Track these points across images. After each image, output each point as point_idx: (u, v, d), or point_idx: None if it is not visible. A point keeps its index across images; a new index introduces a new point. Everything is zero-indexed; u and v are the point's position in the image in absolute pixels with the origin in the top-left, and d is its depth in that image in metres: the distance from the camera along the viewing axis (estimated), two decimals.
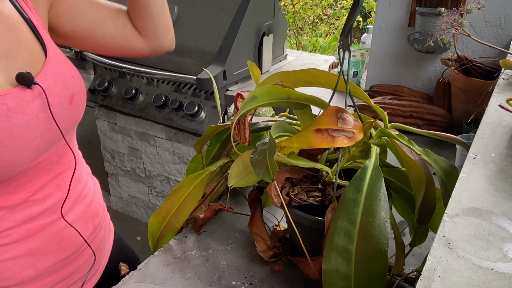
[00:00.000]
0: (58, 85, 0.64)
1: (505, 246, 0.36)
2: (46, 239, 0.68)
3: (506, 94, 0.71)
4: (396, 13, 1.34)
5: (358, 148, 0.62)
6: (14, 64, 0.60)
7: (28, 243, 0.66)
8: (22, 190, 0.64)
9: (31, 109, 0.60)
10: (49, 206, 0.68)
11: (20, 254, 0.66)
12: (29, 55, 0.62)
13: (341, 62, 0.60)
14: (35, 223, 0.66)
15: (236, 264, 0.71)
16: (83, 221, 0.74)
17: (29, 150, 0.61)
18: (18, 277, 0.66)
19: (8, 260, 0.65)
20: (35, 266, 0.67)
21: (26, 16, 0.64)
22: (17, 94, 0.58)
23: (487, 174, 0.46)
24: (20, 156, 0.59)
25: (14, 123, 0.57)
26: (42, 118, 0.62)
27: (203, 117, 1.65)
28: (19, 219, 0.64)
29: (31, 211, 0.65)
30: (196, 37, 1.62)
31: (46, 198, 0.67)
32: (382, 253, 0.50)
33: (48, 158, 0.66)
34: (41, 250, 0.68)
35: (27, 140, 0.60)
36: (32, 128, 0.60)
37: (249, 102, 0.58)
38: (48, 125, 0.63)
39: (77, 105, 0.69)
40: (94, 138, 2.14)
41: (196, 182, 0.71)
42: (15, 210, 0.64)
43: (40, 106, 0.61)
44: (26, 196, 0.64)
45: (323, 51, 3.53)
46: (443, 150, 1.12)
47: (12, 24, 0.61)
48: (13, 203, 0.63)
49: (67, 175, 0.71)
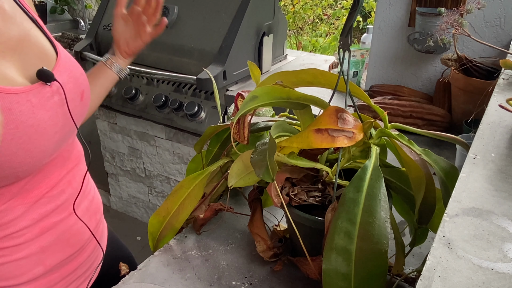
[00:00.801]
0: (71, 81, 0.66)
1: (505, 246, 0.36)
2: (56, 236, 0.69)
3: (506, 94, 0.71)
4: (396, 13, 1.34)
5: (358, 148, 0.62)
6: (27, 60, 0.60)
7: (40, 242, 0.67)
8: (39, 187, 0.65)
9: (51, 105, 0.61)
10: (61, 203, 0.69)
11: (32, 252, 0.66)
12: (39, 51, 0.63)
13: (341, 62, 0.60)
14: (48, 220, 0.67)
15: (236, 264, 0.71)
16: (87, 216, 0.75)
17: (51, 145, 0.62)
18: (28, 275, 0.67)
19: (20, 260, 0.66)
20: (44, 264, 0.68)
21: (30, 15, 0.64)
22: (38, 90, 0.59)
23: (487, 174, 0.46)
24: (44, 151, 0.61)
25: (39, 119, 0.58)
26: (61, 113, 0.63)
27: (203, 117, 1.64)
28: (35, 217, 0.65)
29: (46, 209, 0.67)
30: (196, 37, 1.62)
31: (60, 194, 0.68)
32: (382, 253, 0.50)
33: (61, 154, 0.68)
34: (51, 247, 0.69)
35: (50, 135, 0.61)
36: (53, 124, 0.61)
37: (249, 102, 0.58)
38: (65, 120, 0.64)
39: (86, 101, 0.70)
40: (94, 138, 2.14)
41: (196, 182, 0.71)
42: (32, 207, 0.65)
43: (59, 101, 0.63)
44: (42, 192, 0.66)
45: (323, 51, 3.53)
46: (443, 150, 1.12)
47: (20, 21, 0.61)
48: (30, 201, 0.64)
49: (76, 170, 0.73)
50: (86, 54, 1.84)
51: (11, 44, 0.58)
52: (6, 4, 0.60)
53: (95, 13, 2.03)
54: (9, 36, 0.58)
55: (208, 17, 1.63)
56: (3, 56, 0.57)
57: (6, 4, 0.60)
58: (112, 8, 1.86)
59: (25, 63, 0.60)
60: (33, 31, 0.63)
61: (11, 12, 0.60)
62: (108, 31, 1.83)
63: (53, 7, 2.49)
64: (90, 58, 1.83)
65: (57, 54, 0.66)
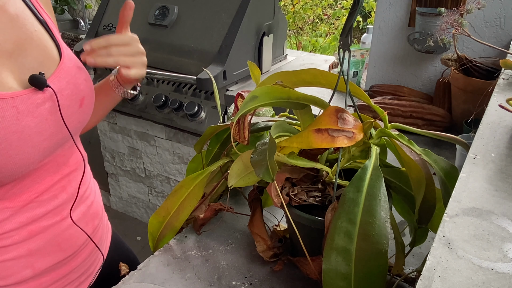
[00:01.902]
0: (70, 87, 0.64)
1: (505, 246, 0.36)
2: (46, 241, 0.68)
3: (506, 94, 0.71)
4: (396, 13, 1.34)
5: (358, 148, 0.62)
6: (25, 63, 0.59)
7: (28, 244, 0.66)
8: (28, 191, 0.64)
9: (41, 112, 0.60)
10: (53, 208, 0.68)
11: (20, 255, 0.66)
12: (41, 54, 0.62)
13: (341, 62, 0.60)
14: (38, 224, 0.66)
15: (236, 264, 0.71)
16: (83, 222, 0.74)
17: (37, 152, 0.60)
18: (16, 277, 0.66)
19: (7, 261, 0.65)
20: (33, 267, 0.67)
21: (40, 17, 0.63)
22: (28, 96, 0.58)
23: (487, 174, 0.46)
24: (28, 158, 0.59)
25: (23, 125, 0.57)
26: (52, 120, 0.61)
27: (203, 117, 1.64)
28: (22, 220, 0.64)
29: (35, 213, 0.65)
30: (196, 37, 1.62)
31: (51, 199, 0.67)
32: (382, 253, 0.50)
33: (55, 160, 0.66)
34: (40, 251, 0.68)
35: (35, 143, 0.59)
36: (41, 131, 0.60)
37: (249, 102, 0.58)
38: (57, 127, 0.62)
39: (86, 108, 0.69)
40: (94, 138, 2.14)
41: (196, 182, 0.71)
42: (20, 211, 0.64)
43: (50, 108, 0.61)
44: (31, 197, 0.64)
45: (323, 51, 3.53)
46: (443, 150, 1.12)
47: (22, 23, 0.60)
48: (18, 204, 0.63)
49: (73, 176, 0.71)
50: None
51: (7, 48, 0.57)
52: (11, 6, 0.59)
53: (95, 13, 2.03)
54: (5, 39, 0.57)
55: (208, 17, 1.63)
56: None
57: (11, 6, 0.59)
58: (112, 8, 1.87)
59: (21, 67, 0.59)
60: (38, 33, 0.62)
61: (14, 14, 0.59)
62: (108, 31, 1.83)
63: (53, 7, 2.49)
64: None
65: (60, 58, 0.64)
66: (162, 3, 1.70)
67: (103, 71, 1.90)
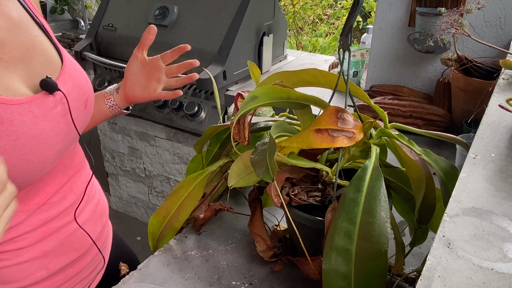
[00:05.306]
0: (76, 90, 0.65)
1: (505, 246, 0.36)
2: (59, 241, 0.69)
3: (506, 94, 0.71)
4: (396, 13, 1.34)
5: (358, 148, 0.62)
6: (31, 69, 0.59)
7: (42, 246, 0.67)
8: (40, 194, 0.65)
9: (54, 115, 0.60)
10: (64, 209, 0.69)
11: (35, 256, 0.66)
12: (44, 59, 0.62)
13: (341, 62, 0.60)
14: (50, 225, 0.67)
15: (236, 264, 0.71)
16: (92, 220, 0.75)
17: (52, 155, 0.61)
18: (31, 278, 0.67)
19: (22, 263, 0.65)
20: (47, 268, 0.68)
21: (38, 20, 0.63)
22: (41, 100, 0.58)
23: (487, 174, 0.46)
24: (45, 161, 0.60)
25: (40, 129, 0.58)
26: (63, 123, 0.62)
27: (203, 117, 1.64)
28: (35, 223, 0.65)
29: (47, 215, 0.66)
30: (196, 37, 1.62)
31: (61, 200, 0.68)
32: (382, 253, 0.50)
33: (62, 162, 0.67)
34: (54, 251, 0.69)
35: (51, 146, 0.60)
36: (55, 134, 0.61)
37: (249, 102, 0.58)
38: (68, 129, 0.63)
39: (89, 109, 0.70)
40: (94, 138, 2.14)
41: (196, 182, 0.71)
42: (33, 214, 0.65)
43: (62, 111, 0.62)
44: (44, 199, 0.65)
45: (323, 51, 3.53)
46: (443, 150, 1.12)
47: (26, 28, 0.60)
48: (32, 207, 0.64)
49: (77, 177, 0.72)
50: (86, 54, 1.84)
51: (16, 54, 0.58)
52: (14, 11, 0.59)
53: (95, 13, 2.03)
54: (14, 46, 0.57)
55: (208, 17, 1.63)
56: (7, 66, 0.56)
57: (13, 12, 0.59)
58: (112, 8, 1.87)
59: (30, 72, 0.59)
60: (39, 37, 0.62)
61: (18, 20, 0.59)
62: (108, 31, 1.83)
63: (53, 7, 2.49)
64: (90, 58, 1.83)
65: (62, 61, 0.65)
66: (162, 3, 1.70)
67: (102, 70, 1.90)
